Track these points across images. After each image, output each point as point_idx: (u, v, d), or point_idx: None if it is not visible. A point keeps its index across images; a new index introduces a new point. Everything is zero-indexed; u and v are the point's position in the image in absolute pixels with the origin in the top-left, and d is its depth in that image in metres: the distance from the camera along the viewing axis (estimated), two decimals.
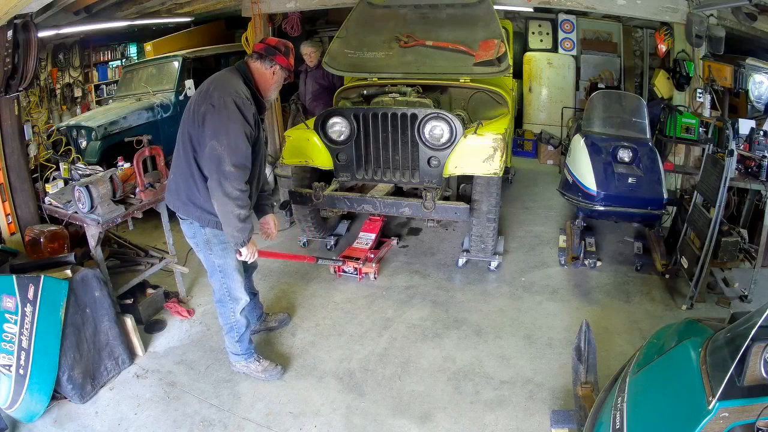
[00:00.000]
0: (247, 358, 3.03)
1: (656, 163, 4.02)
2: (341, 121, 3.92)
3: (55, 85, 7.01)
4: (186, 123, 2.60)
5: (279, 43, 2.69)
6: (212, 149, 2.42)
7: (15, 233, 3.34)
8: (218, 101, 2.45)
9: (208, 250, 2.77)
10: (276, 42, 2.70)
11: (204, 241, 2.75)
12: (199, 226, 2.70)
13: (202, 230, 2.71)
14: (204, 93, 2.55)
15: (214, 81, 2.60)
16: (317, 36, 8.40)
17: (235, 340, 2.96)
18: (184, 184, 2.64)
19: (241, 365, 3.05)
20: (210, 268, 2.84)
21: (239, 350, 3.00)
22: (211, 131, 2.43)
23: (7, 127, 3.24)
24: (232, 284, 2.85)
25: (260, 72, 2.66)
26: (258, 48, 2.68)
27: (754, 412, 1.46)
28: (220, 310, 2.94)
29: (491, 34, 4.48)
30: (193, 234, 2.76)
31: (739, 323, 1.72)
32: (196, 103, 2.56)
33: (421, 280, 4.13)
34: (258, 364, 3.05)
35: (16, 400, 2.64)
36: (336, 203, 4.03)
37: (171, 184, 2.76)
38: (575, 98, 7.18)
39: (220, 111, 2.44)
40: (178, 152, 2.65)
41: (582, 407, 2.36)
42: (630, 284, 4.03)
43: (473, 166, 3.77)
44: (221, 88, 2.51)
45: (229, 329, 2.95)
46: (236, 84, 2.56)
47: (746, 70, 4.64)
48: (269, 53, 2.65)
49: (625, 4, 4.96)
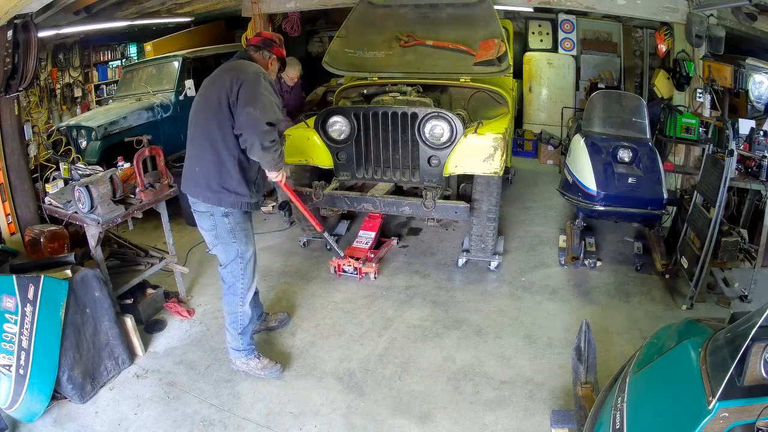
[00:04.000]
0: (247, 354, 3.04)
1: (656, 163, 4.02)
2: (341, 120, 3.92)
3: (55, 85, 7.00)
4: (205, 112, 2.74)
5: (273, 36, 2.99)
6: (249, 114, 2.59)
7: (15, 233, 3.34)
8: (251, 76, 2.65)
9: (231, 239, 2.86)
10: (270, 35, 3.01)
11: (228, 231, 2.83)
12: (221, 215, 2.79)
13: (224, 220, 2.80)
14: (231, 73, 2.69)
15: (235, 68, 2.74)
16: (317, 36, 8.42)
17: (238, 332, 2.98)
18: (215, 172, 2.73)
19: (241, 362, 3.06)
20: (229, 257, 2.90)
21: (241, 345, 3.02)
22: (245, 100, 2.60)
23: (7, 127, 3.24)
24: (248, 273, 2.94)
25: (259, 62, 2.89)
26: (255, 41, 2.94)
27: (754, 412, 1.46)
28: (229, 299, 2.97)
29: (491, 34, 4.48)
30: (214, 225, 2.84)
31: (739, 323, 1.72)
32: (220, 87, 2.68)
33: (421, 280, 4.13)
34: (258, 362, 3.06)
35: (16, 400, 2.64)
36: (336, 202, 4.03)
37: (196, 175, 2.80)
38: (575, 98, 7.18)
39: (252, 83, 2.63)
40: (201, 144, 2.75)
41: (582, 407, 2.36)
42: (630, 284, 4.03)
43: (473, 166, 3.77)
44: (246, 69, 2.71)
45: (233, 320, 2.97)
46: (257, 65, 2.80)
47: (746, 70, 4.64)
48: (266, 45, 2.92)
49: (625, 4, 4.97)
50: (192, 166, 2.82)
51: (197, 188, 2.80)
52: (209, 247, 2.98)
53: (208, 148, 2.72)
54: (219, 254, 2.95)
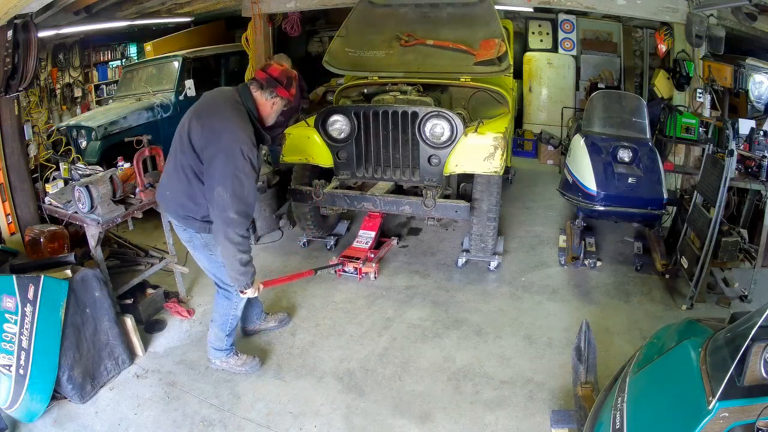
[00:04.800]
0: (228, 354, 3.07)
1: (656, 163, 4.02)
2: (342, 119, 3.92)
3: (55, 85, 7.00)
4: (182, 148, 2.56)
5: (281, 75, 2.61)
6: (218, 195, 2.44)
7: (15, 233, 3.34)
8: (228, 148, 2.43)
9: (208, 252, 2.82)
10: (279, 73, 2.61)
11: (202, 245, 2.79)
12: (195, 231, 2.73)
13: (198, 235, 2.75)
14: (210, 130, 2.48)
15: (222, 117, 2.51)
16: (317, 36, 8.41)
17: (226, 333, 2.99)
18: (186, 200, 2.63)
19: (221, 360, 3.07)
20: (212, 265, 2.87)
21: (225, 345, 3.03)
22: (219, 176, 2.43)
23: (7, 127, 3.24)
24: None
25: (260, 102, 2.63)
26: (260, 77, 2.61)
27: (754, 412, 1.46)
28: (222, 303, 2.96)
29: (492, 34, 4.48)
30: (189, 238, 2.81)
31: (739, 323, 1.72)
32: (199, 136, 2.49)
33: (421, 280, 4.13)
34: (237, 358, 3.09)
35: (16, 400, 2.64)
36: (336, 201, 4.03)
37: (168, 193, 2.71)
38: (575, 98, 7.18)
39: (228, 159, 2.42)
40: (176, 170, 2.61)
41: (582, 407, 2.36)
42: (630, 284, 4.03)
43: (474, 165, 3.77)
44: (231, 131, 2.46)
45: (223, 322, 2.97)
46: (244, 126, 2.51)
47: (746, 70, 4.64)
48: (270, 85, 2.60)
49: (625, 4, 4.96)
50: (169, 184, 2.70)
51: (168, 204, 2.75)
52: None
53: (183, 179, 2.60)
54: (202, 265, 2.91)
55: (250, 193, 2.52)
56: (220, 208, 2.45)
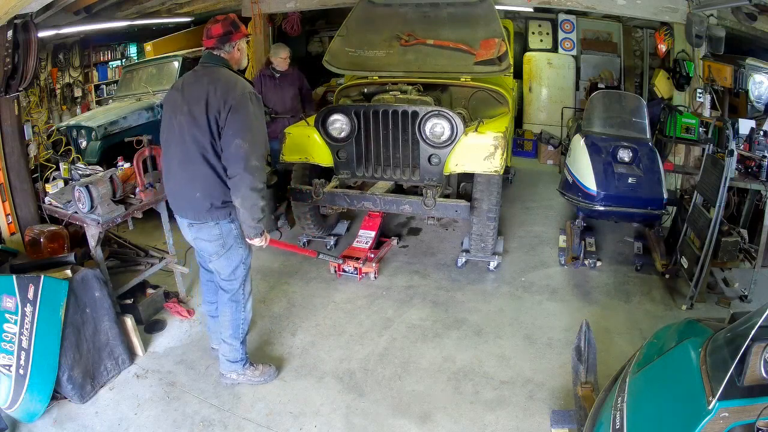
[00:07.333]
0: (243, 364, 2.97)
1: (656, 163, 4.02)
2: (342, 119, 3.92)
3: (55, 85, 7.00)
4: (186, 128, 2.54)
5: (224, 27, 2.65)
6: (237, 148, 2.48)
7: (15, 233, 3.34)
8: (238, 100, 2.49)
9: (239, 245, 2.76)
10: (222, 28, 2.65)
11: (235, 237, 2.73)
12: (227, 222, 2.67)
13: (230, 225, 2.69)
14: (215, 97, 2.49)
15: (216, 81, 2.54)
16: (317, 36, 8.41)
17: (240, 341, 2.91)
18: (209, 188, 2.58)
19: (237, 374, 2.96)
20: (233, 265, 2.77)
21: (240, 355, 2.93)
22: (234, 130, 2.49)
23: (7, 127, 3.24)
24: (248, 277, 2.91)
25: (230, 56, 2.71)
26: (211, 43, 2.67)
27: (754, 412, 1.46)
28: (231, 308, 2.85)
29: (492, 34, 4.48)
30: (219, 234, 2.69)
31: (739, 323, 1.72)
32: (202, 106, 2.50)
33: (421, 280, 4.13)
34: (253, 369, 2.99)
35: (16, 400, 2.64)
36: (336, 200, 4.03)
37: (184, 192, 2.64)
38: (575, 98, 7.18)
39: (239, 110, 2.49)
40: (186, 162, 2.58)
41: (582, 407, 2.36)
42: (630, 284, 4.03)
43: (474, 164, 3.77)
44: (233, 86, 2.53)
45: (235, 330, 2.87)
46: (239, 78, 2.61)
47: (746, 70, 4.63)
48: (225, 40, 2.66)
49: (625, 4, 4.97)
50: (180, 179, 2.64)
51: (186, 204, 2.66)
52: (209, 259, 2.81)
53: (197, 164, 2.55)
54: (220, 265, 2.77)
55: (264, 135, 2.64)
56: (242, 159, 2.48)
